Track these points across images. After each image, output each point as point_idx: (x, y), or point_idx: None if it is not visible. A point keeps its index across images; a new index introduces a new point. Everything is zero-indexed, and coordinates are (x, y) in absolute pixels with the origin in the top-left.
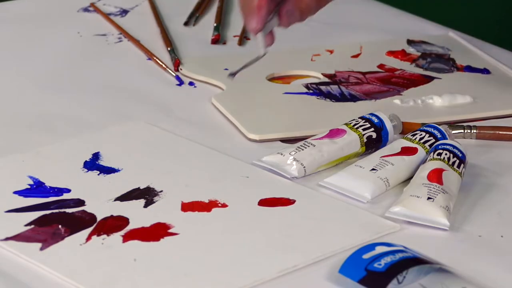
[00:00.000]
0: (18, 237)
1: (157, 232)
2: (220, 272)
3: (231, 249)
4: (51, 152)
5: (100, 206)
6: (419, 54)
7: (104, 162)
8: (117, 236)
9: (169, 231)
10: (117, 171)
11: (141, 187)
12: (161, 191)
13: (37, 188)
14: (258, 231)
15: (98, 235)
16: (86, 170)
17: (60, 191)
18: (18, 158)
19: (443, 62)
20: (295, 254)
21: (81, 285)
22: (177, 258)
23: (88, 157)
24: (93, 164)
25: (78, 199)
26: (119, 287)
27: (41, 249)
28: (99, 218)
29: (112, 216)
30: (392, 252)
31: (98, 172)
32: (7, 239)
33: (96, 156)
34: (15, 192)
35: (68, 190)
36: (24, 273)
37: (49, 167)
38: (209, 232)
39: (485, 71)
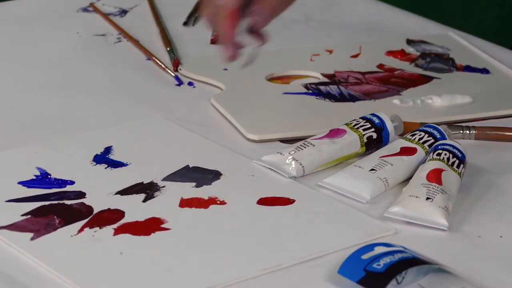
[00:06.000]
0: (11, 227)
1: (149, 226)
2: (203, 268)
3: (219, 246)
4: (64, 145)
5: (100, 199)
6: (418, 53)
7: (114, 156)
8: (109, 229)
9: (162, 226)
10: (124, 165)
11: (145, 182)
12: (163, 186)
13: (42, 179)
14: (250, 230)
15: (91, 227)
16: (94, 163)
17: (64, 182)
18: (31, 150)
19: (443, 61)
20: (281, 253)
21: (63, 275)
22: (163, 253)
23: (100, 150)
24: (102, 157)
25: (80, 191)
26: (100, 280)
27: (32, 239)
28: (96, 211)
29: (109, 209)
30: (391, 253)
31: (106, 165)
32: (1, 228)
33: (107, 150)
34: (20, 182)
35: (72, 182)
36: (24, 273)
37: (59, 159)
38: (202, 229)
39: (485, 71)
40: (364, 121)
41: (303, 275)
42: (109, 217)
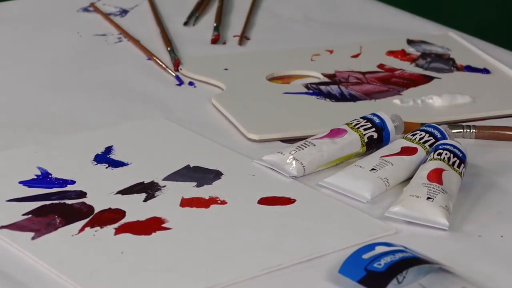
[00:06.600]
0: (12, 226)
1: (150, 226)
2: (203, 268)
3: (219, 246)
4: (65, 145)
5: (101, 199)
6: (419, 54)
7: (115, 156)
8: (110, 229)
9: (163, 225)
10: (125, 165)
11: (146, 182)
12: (164, 186)
13: (42, 179)
14: (251, 229)
15: (92, 227)
16: (95, 163)
17: (64, 182)
18: (31, 149)
19: (443, 62)
20: (281, 253)
21: (64, 275)
22: (164, 253)
23: (100, 150)
24: (103, 157)
25: (80, 191)
26: (101, 279)
27: (33, 238)
28: (97, 210)
29: (110, 208)
30: (392, 252)
31: (107, 165)
32: (2, 227)
33: (108, 149)
34: (20, 182)
35: (73, 182)
36: (25, 272)
37: (60, 159)
38: (202, 229)
39: (485, 71)
40: (365, 120)
41: (303, 275)
42: (110, 216)
